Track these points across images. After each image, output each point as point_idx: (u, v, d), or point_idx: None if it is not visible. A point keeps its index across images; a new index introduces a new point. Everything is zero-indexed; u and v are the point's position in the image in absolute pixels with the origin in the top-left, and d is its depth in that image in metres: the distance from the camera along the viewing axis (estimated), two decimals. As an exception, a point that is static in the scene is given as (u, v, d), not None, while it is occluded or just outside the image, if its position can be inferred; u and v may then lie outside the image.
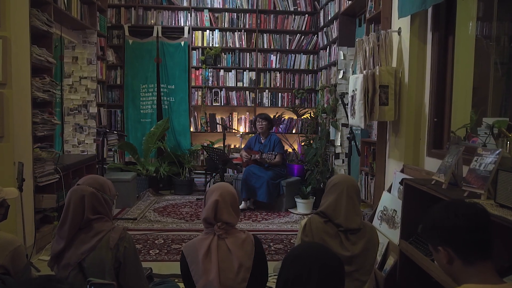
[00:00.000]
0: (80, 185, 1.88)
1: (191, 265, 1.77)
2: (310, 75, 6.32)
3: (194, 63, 6.19)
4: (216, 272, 1.71)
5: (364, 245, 1.98)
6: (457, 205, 1.28)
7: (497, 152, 1.83)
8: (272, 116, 5.45)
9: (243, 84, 6.25)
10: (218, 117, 6.28)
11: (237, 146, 6.24)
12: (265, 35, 6.26)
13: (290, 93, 6.29)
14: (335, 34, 5.23)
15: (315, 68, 6.28)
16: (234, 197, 1.89)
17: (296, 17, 6.26)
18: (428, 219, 1.32)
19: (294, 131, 6.27)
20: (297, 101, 6.26)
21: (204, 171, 6.00)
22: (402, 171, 3.01)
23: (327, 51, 5.64)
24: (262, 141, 5.14)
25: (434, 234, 1.29)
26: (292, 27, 6.27)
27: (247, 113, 6.28)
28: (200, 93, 6.20)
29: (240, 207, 4.85)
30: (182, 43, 6.10)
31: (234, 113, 6.28)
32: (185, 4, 6.16)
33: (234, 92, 6.25)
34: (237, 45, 6.22)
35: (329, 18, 5.49)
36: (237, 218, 1.88)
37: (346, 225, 1.98)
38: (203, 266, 1.73)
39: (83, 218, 1.82)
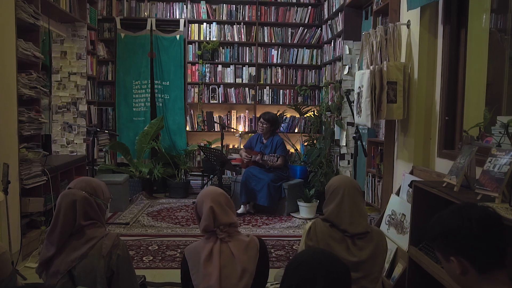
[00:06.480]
0: (72, 189, 1.88)
1: (192, 269, 1.80)
2: (313, 70, 6.33)
3: (190, 58, 6.19)
4: (217, 276, 1.73)
5: (371, 250, 1.99)
6: (470, 210, 1.25)
7: (513, 152, 1.83)
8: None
9: (242, 81, 6.26)
10: (215, 116, 6.28)
11: (236, 146, 6.25)
12: (265, 28, 6.27)
13: (292, 90, 6.30)
14: (340, 27, 5.23)
15: (319, 64, 6.29)
16: (225, 195, 1.94)
17: (298, 9, 6.27)
18: (438, 226, 1.29)
19: (296, 130, 6.27)
20: (299, 99, 6.26)
21: (200, 173, 6.01)
22: (411, 172, 3.02)
23: (332, 45, 5.64)
24: (264, 141, 5.14)
25: (446, 243, 1.26)
26: (295, 19, 6.27)
27: (247, 111, 6.28)
28: (196, 90, 6.21)
29: (239, 211, 4.86)
30: (178, 36, 6.11)
31: (232, 111, 6.29)
32: (180, -5, 6.18)
33: (232, 89, 6.25)
34: (236, 39, 6.22)
35: (334, 10, 5.49)
36: (235, 214, 1.95)
37: (351, 230, 1.99)
38: (204, 270, 1.76)
39: (75, 224, 1.82)
